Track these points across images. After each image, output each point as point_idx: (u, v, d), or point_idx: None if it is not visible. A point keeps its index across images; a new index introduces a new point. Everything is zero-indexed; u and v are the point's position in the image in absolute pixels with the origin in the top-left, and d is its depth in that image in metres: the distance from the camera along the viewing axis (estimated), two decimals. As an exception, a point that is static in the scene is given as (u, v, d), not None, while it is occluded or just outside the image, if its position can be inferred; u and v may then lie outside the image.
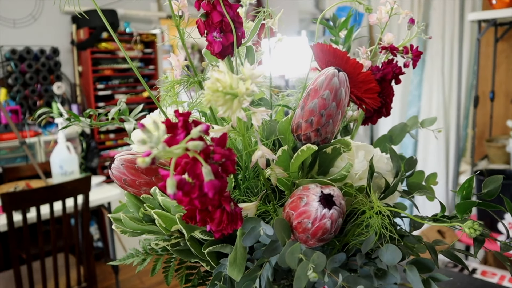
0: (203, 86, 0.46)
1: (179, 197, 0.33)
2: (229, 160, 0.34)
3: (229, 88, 0.32)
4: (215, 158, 0.33)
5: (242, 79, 0.34)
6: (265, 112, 0.40)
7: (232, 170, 0.34)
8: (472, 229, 0.38)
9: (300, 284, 0.33)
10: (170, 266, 0.56)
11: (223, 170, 0.34)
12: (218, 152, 0.33)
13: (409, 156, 0.67)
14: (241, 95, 0.31)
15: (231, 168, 0.34)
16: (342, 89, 0.47)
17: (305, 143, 0.50)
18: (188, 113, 0.32)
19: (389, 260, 0.41)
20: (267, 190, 0.46)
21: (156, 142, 0.27)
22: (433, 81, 2.97)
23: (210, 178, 0.31)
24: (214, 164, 0.34)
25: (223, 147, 0.35)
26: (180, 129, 0.31)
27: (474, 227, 0.38)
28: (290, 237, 0.42)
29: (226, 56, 0.53)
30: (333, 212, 0.39)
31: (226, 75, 0.32)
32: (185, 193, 0.32)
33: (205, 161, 0.33)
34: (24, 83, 3.26)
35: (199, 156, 0.32)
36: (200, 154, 0.33)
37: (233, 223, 0.38)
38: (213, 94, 0.31)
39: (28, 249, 1.90)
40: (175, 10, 0.46)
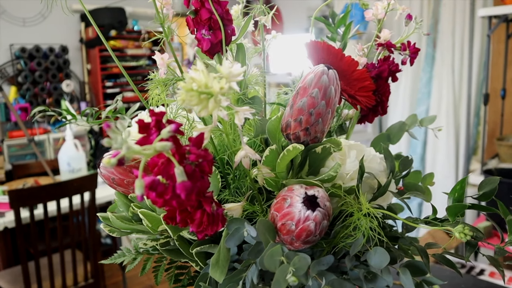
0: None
1: (152, 198, 0.32)
2: (206, 160, 0.33)
3: (204, 87, 0.31)
4: (190, 158, 0.32)
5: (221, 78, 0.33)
6: (248, 111, 0.39)
7: (208, 171, 0.33)
8: (462, 234, 0.37)
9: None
10: (160, 266, 0.55)
11: (200, 170, 0.33)
12: (193, 153, 0.32)
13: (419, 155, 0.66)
14: (216, 95, 0.31)
15: (207, 168, 0.33)
16: (332, 87, 0.46)
17: (295, 142, 0.49)
18: (162, 112, 0.32)
19: (376, 263, 0.40)
20: (254, 190, 0.45)
21: (121, 143, 0.26)
22: (443, 78, 2.93)
23: (183, 179, 0.30)
24: (190, 165, 0.33)
25: (200, 147, 0.34)
26: (152, 129, 0.31)
27: (465, 231, 0.37)
28: (275, 239, 0.41)
29: (216, 54, 0.53)
30: (317, 214, 0.38)
31: (201, 74, 0.31)
32: (159, 194, 0.31)
33: (180, 162, 0.32)
34: (34, 81, 3.29)
35: (172, 157, 0.31)
36: (175, 154, 0.32)
37: (214, 225, 0.38)
38: (187, 94, 0.30)
39: (36, 246, 1.92)
40: (158, 8, 0.45)
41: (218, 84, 0.30)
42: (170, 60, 0.46)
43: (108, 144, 0.26)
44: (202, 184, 0.36)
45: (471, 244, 0.40)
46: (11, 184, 2.53)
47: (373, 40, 0.62)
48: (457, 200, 0.40)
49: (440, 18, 2.93)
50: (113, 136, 0.26)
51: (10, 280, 2.10)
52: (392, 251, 0.48)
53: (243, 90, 0.54)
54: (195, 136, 0.34)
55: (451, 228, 0.38)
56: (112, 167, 0.26)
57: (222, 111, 0.37)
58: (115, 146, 0.26)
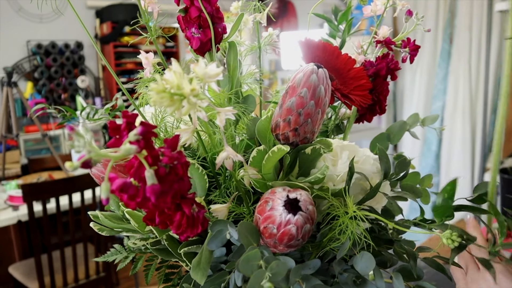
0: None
1: (125, 201, 0.32)
2: (180, 163, 0.32)
3: (176, 89, 0.30)
4: (163, 161, 0.32)
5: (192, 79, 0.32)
6: (230, 111, 0.39)
7: (182, 173, 0.33)
8: (450, 240, 0.35)
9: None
10: (151, 265, 0.55)
11: (174, 173, 0.32)
12: (166, 155, 0.32)
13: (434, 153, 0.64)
14: (187, 96, 0.30)
15: (181, 171, 0.32)
16: (322, 87, 0.45)
17: (284, 143, 0.48)
18: (134, 114, 0.31)
19: (362, 268, 0.39)
20: (240, 191, 0.45)
21: (83, 146, 0.26)
22: (459, 74, 2.86)
23: (153, 182, 0.30)
24: (164, 167, 0.32)
25: (174, 149, 0.33)
26: (123, 131, 0.30)
27: (453, 237, 0.35)
28: (258, 242, 0.40)
29: (207, 52, 0.52)
30: (298, 218, 0.37)
31: (173, 75, 0.30)
32: (130, 196, 0.31)
33: (153, 164, 0.32)
34: (50, 77, 3.34)
35: (143, 159, 0.31)
36: (148, 157, 0.32)
37: (194, 227, 0.37)
38: (158, 95, 0.29)
39: (48, 239, 1.95)
40: (143, 7, 0.44)
41: (188, 85, 0.30)
42: (156, 59, 0.46)
43: (71, 146, 0.26)
44: (181, 186, 0.35)
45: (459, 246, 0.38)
46: (26, 178, 2.58)
47: (371, 37, 0.61)
48: (447, 201, 0.39)
49: (457, 13, 2.86)
50: (76, 138, 0.26)
51: (24, 272, 2.15)
52: (383, 255, 0.47)
53: (235, 89, 0.53)
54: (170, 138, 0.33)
55: (439, 234, 0.37)
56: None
57: (201, 112, 0.36)
58: (76, 149, 0.26)
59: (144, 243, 0.52)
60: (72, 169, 0.26)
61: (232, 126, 0.54)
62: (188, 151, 0.55)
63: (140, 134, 0.28)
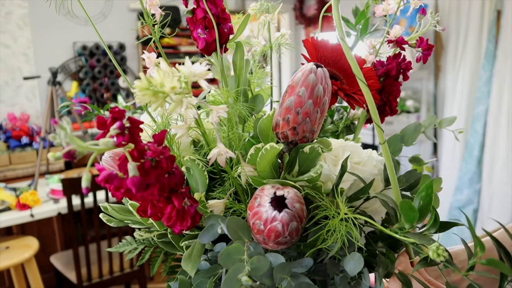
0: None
1: (111, 191, 0.33)
2: (164, 157, 0.34)
3: (159, 86, 0.31)
4: (147, 154, 0.33)
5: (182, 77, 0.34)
6: (222, 109, 0.40)
7: (166, 167, 0.34)
8: (436, 253, 0.34)
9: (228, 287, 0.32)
10: (158, 257, 0.57)
11: (158, 166, 0.34)
12: (151, 149, 0.33)
13: (476, 158, 0.63)
14: (168, 94, 0.31)
15: (165, 165, 0.34)
16: (320, 86, 0.45)
17: (284, 141, 0.48)
18: (122, 111, 0.33)
19: (351, 269, 0.39)
20: (236, 188, 0.45)
21: (64, 139, 0.27)
22: (505, 76, 2.73)
23: (134, 174, 0.31)
24: (149, 161, 0.34)
25: (160, 144, 0.35)
26: (109, 126, 0.32)
27: (439, 251, 0.34)
28: (250, 237, 0.41)
29: (213, 52, 0.53)
30: (284, 215, 0.37)
31: (157, 73, 0.31)
32: (115, 187, 0.32)
33: (139, 158, 0.33)
34: (93, 77, 3.49)
35: (127, 153, 0.32)
36: (134, 151, 0.33)
37: (184, 220, 0.38)
38: (140, 92, 0.31)
39: (86, 232, 2.04)
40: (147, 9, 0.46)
41: (169, 83, 0.31)
42: (159, 59, 0.47)
43: (52, 139, 0.28)
44: (170, 180, 0.37)
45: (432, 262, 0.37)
46: (68, 173, 2.71)
47: (384, 37, 0.60)
48: (423, 208, 0.37)
49: (503, 12, 2.73)
50: (58, 131, 0.28)
51: (64, 262, 2.26)
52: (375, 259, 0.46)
53: (240, 87, 0.54)
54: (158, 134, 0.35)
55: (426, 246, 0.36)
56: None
57: (193, 109, 0.38)
58: (57, 141, 0.28)
59: (150, 236, 0.54)
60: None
61: (237, 125, 0.55)
62: (196, 148, 0.57)
63: (118, 128, 0.30)
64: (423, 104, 3.26)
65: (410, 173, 0.53)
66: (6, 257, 1.95)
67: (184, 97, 0.34)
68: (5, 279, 2.55)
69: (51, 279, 2.58)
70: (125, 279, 2.24)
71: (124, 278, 2.23)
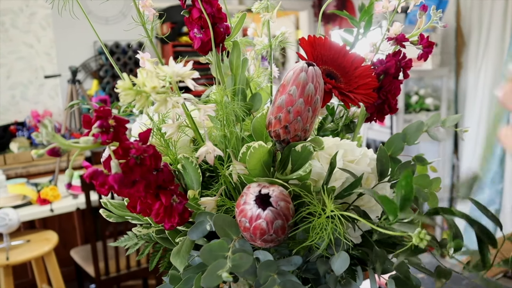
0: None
1: (96, 187, 0.34)
2: (148, 155, 0.35)
3: (141, 86, 0.32)
4: (131, 152, 0.34)
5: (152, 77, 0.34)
6: (210, 108, 0.40)
7: (150, 165, 0.35)
8: (418, 238, 0.34)
9: (208, 283, 0.32)
10: (158, 252, 0.58)
11: (143, 164, 0.35)
12: (135, 147, 0.34)
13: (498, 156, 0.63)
14: (149, 93, 0.32)
15: (149, 162, 0.35)
16: (311, 85, 0.45)
17: (276, 140, 0.48)
18: (106, 110, 0.34)
19: (337, 268, 0.39)
20: (228, 186, 0.46)
21: (45, 136, 0.28)
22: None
23: (116, 171, 0.32)
24: (134, 159, 0.35)
25: (145, 142, 0.35)
26: (93, 124, 0.33)
27: (421, 235, 0.34)
28: (238, 235, 0.41)
29: (209, 52, 0.54)
30: (268, 213, 0.37)
31: (140, 73, 0.32)
32: (100, 184, 0.33)
33: (124, 156, 0.34)
34: (113, 75, 3.56)
35: (111, 151, 0.33)
36: (118, 149, 0.34)
37: (171, 216, 0.39)
38: (123, 92, 0.32)
39: (104, 227, 2.10)
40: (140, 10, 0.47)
41: (150, 83, 0.32)
42: (154, 59, 0.48)
43: (35, 136, 0.29)
44: (158, 177, 0.38)
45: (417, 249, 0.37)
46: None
47: (384, 34, 0.59)
48: (405, 198, 0.37)
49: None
50: (41, 129, 0.29)
51: (83, 256, 2.32)
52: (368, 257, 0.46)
53: (237, 86, 0.55)
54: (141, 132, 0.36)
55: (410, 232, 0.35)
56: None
57: (179, 108, 0.38)
58: (39, 139, 0.29)
59: (148, 231, 0.55)
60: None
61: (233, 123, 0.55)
62: (195, 146, 0.58)
63: (99, 127, 0.31)
64: (444, 102, 3.20)
65: (403, 165, 0.53)
66: (26, 250, 2.01)
67: (168, 96, 0.35)
68: (28, 272, 2.63)
69: (71, 272, 2.64)
70: (142, 274, 2.28)
71: (141, 273, 2.27)
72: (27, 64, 3.37)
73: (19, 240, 2.08)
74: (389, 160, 0.52)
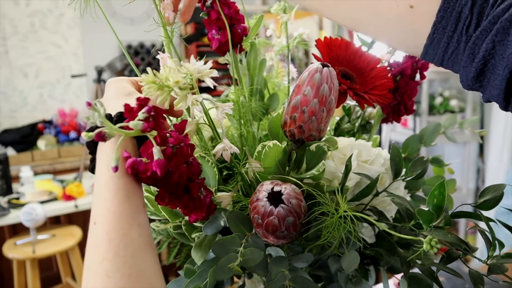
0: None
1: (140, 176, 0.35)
2: (185, 144, 0.36)
3: (164, 81, 0.34)
4: (170, 141, 0.35)
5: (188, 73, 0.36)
6: (227, 106, 0.42)
7: (187, 153, 0.36)
8: (428, 245, 0.35)
9: (219, 275, 0.33)
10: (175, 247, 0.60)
11: (179, 153, 0.36)
12: (173, 136, 0.35)
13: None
14: (172, 87, 0.33)
15: (186, 151, 0.36)
16: (325, 85, 0.46)
17: (291, 139, 0.49)
18: (146, 98, 0.35)
19: (346, 266, 0.40)
20: (244, 182, 0.47)
21: (97, 119, 0.30)
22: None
23: (159, 157, 0.33)
24: (170, 148, 0.36)
25: (181, 132, 0.37)
26: (136, 112, 0.34)
27: (432, 243, 0.34)
28: (251, 231, 0.43)
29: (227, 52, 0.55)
30: (280, 210, 0.38)
31: (163, 69, 0.34)
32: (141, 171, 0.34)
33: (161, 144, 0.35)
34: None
35: (152, 138, 0.34)
36: (157, 137, 0.35)
37: (199, 209, 0.40)
38: (146, 85, 0.33)
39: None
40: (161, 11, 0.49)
41: (173, 78, 0.33)
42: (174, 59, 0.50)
43: (86, 119, 0.31)
44: (189, 168, 0.38)
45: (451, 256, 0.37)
46: (112, 166, 2.83)
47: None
48: (437, 207, 0.37)
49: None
50: (92, 113, 0.31)
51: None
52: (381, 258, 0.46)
53: (254, 86, 0.56)
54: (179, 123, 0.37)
55: (422, 238, 0.36)
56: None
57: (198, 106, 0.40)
58: (91, 120, 0.30)
59: (166, 227, 0.57)
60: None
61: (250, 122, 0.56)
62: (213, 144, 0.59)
63: (147, 112, 0.32)
64: (469, 103, 3.13)
65: (416, 161, 0.53)
66: (52, 244, 2.08)
67: (188, 92, 0.36)
68: (53, 265, 2.71)
69: (94, 267, 2.71)
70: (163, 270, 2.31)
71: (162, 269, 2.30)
72: (55, 64, 3.47)
73: (45, 235, 2.15)
74: (403, 159, 0.52)
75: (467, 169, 3.22)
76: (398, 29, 0.40)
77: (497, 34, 0.34)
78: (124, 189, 0.35)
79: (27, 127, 3.27)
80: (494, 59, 0.35)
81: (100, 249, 0.33)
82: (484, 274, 0.39)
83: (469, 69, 0.36)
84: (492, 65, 0.35)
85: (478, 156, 3.25)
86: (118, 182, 0.35)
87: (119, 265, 0.32)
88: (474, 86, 0.37)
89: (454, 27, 0.36)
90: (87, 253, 0.35)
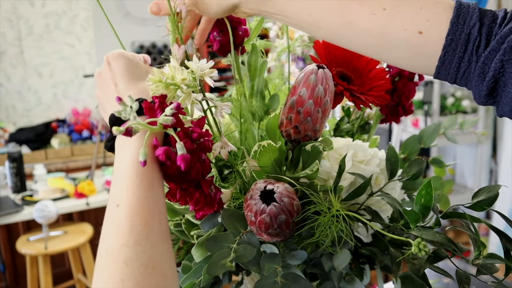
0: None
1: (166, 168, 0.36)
2: (206, 139, 0.37)
3: (171, 79, 0.35)
4: (193, 136, 0.36)
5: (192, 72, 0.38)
6: (226, 106, 0.43)
7: (209, 148, 0.37)
8: (417, 248, 0.35)
9: (212, 271, 0.34)
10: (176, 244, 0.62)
11: (201, 148, 0.37)
12: (195, 131, 0.37)
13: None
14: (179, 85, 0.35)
15: (207, 145, 0.37)
16: (320, 87, 0.47)
17: (287, 139, 0.50)
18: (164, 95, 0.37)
19: (338, 264, 0.41)
20: (243, 180, 0.48)
21: (129, 113, 0.32)
22: None
23: (183, 152, 0.34)
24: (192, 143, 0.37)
25: (201, 128, 0.38)
26: (157, 109, 0.36)
27: (420, 246, 0.35)
28: (245, 228, 0.44)
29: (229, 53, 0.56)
30: (271, 208, 0.39)
31: (168, 68, 0.36)
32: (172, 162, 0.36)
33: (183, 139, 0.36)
34: (149, 75, 3.68)
35: (174, 133, 0.35)
36: (179, 132, 0.36)
37: (210, 205, 0.41)
38: (154, 84, 0.35)
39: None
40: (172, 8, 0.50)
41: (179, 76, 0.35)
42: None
43: (118, 114, 0.33)
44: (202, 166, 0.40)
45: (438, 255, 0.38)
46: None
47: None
48: (424, 207, 0.38)
49: None
50: (123, 107, 0.32)
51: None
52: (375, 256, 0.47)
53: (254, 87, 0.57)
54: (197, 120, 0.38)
55: (411, 240, 0.37)
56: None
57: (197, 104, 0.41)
58: (123, 115, 0.32)
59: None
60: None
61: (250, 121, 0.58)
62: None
63: (175, 108, 0.34)
64: (481, 104, 3.09)
65: (413, 162, 0.53)
66: (63, 240, 2.12)
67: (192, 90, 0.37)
68: (65, 261, 2.76)
69: (105, 264, 2.75)
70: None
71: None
72: (69, 64, 3.53)
73: (57, 231, 2.19)
74: (400, 159, 0.52)
75: (479, 170, 3.19)
76: (407, 52, 0.40)
77: (505, 53, 0.35)
78: (149, 177, 0.36)
79: (41, 125, 3.33)
80: (504, 77, 0.36)
81: (122, 234, 0.33)
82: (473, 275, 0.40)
83: (481, 88, 0.37)
84: (503, 82, 0.36)
85: (491, 157, 3.21)
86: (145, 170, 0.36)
87: (138, 254, 0.33)
88: (487, 102, 0.38)
89: (464, 48, 0.37)
90: (106, 234, 0.35)
